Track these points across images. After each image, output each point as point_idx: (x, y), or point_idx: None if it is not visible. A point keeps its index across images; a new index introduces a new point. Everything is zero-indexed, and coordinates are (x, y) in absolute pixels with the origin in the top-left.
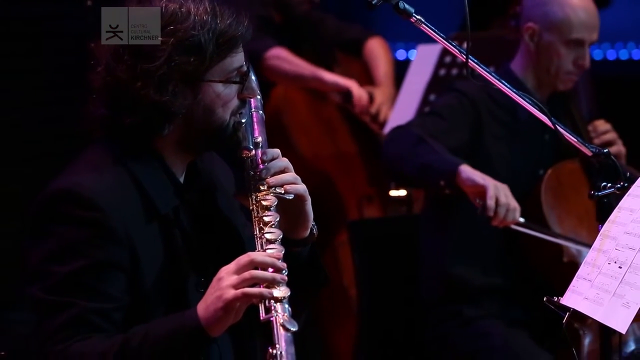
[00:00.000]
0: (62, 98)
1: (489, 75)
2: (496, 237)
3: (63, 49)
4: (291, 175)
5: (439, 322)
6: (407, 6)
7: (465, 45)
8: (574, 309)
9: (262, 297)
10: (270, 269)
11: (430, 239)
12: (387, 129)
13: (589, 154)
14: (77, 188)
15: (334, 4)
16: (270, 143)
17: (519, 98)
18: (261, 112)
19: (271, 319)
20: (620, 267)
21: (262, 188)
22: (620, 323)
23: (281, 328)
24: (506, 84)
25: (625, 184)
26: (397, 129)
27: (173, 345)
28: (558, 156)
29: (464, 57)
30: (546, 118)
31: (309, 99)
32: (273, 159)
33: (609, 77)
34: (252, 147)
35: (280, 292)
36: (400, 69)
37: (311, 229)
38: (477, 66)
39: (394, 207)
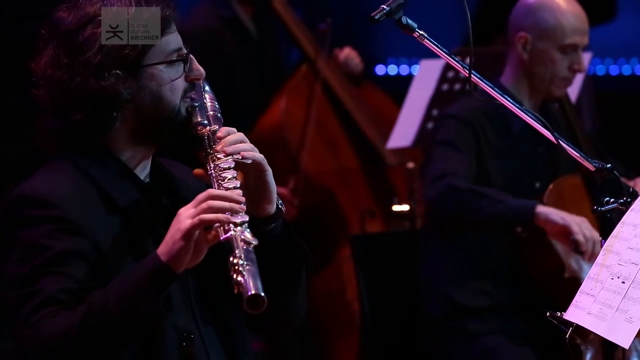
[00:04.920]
0: None
1: (492, 90)
2: (498, 254)
3: None
4: (248, 145)
5: (442, 337)
6: (409, 21)
7: (467, 60)
8: (576, 324)
9: (218, 221)
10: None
11: (431, 257)
12: (390, 144)
13: (592, 168)
14: (28, 191)
15: (336, 21)
16: (272, 158)
17: (522, 113)
18: (219, 114)
19: (230, 235)
20: (623, 282)
21: (219, 157)
22: (623, 338)
23: (242, 243)
24: (509, 98)
25: (629, 199)
26: (444, 188)
27: (138, 290)
28: (553, 168)
29: (467, 72)
30: (549, 133)
31: (311, 114)
32: (229, 134)
33: (612, 93)
34: (206, 122)
35: (239, 219)
36: (403, 84)
37: (278, 205)
38: (479, 81)
39: (396, 222)
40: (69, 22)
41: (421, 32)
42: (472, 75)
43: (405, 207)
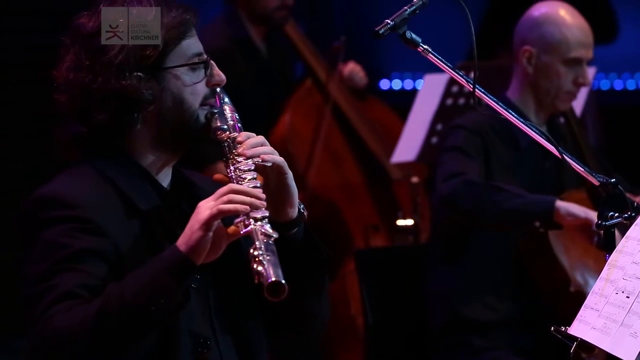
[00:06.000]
0: None
1: (496, 105)
2: (504, 268)
3: None
4: (268, 147)
5: (447, 351)
6: (414, 36)
7: (472, 74)
8: (581, 339)
9: (237, 212)
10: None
11: (437, 272)
12: (394, 158)
13: (596, 183)
14: (47, 193)
15: (341, 34)
16: None
17: (526, 128)
18: (239, 125)
19: (250, 229)
20: (627, 297)
21: (239, 160)
22: (627, 353)
23: (262, 236)
24: (513, 113)
25: (633, 214)
26: (460, 183)
27: (156, 279)
28: (560, 183)
29: (471, 86)
30: (554, 148)
31: (316, 128)
32: (248, 138)
33: (616, 107)
34: (226, 127)
35: (259, 214)
36: (408, 99)
37: (300, 210)
38: (484, 95)
39: (400, 237)
40: (90, 27)
41: (425, 47)
42: (476, 89)
43: (409, 222)
